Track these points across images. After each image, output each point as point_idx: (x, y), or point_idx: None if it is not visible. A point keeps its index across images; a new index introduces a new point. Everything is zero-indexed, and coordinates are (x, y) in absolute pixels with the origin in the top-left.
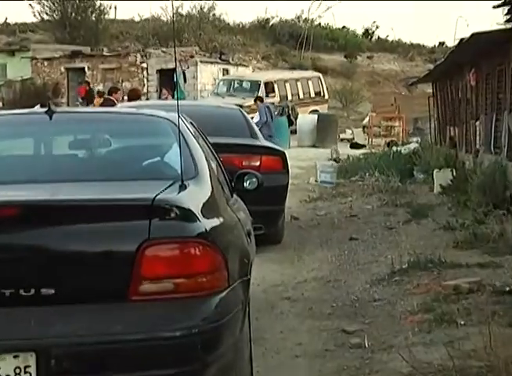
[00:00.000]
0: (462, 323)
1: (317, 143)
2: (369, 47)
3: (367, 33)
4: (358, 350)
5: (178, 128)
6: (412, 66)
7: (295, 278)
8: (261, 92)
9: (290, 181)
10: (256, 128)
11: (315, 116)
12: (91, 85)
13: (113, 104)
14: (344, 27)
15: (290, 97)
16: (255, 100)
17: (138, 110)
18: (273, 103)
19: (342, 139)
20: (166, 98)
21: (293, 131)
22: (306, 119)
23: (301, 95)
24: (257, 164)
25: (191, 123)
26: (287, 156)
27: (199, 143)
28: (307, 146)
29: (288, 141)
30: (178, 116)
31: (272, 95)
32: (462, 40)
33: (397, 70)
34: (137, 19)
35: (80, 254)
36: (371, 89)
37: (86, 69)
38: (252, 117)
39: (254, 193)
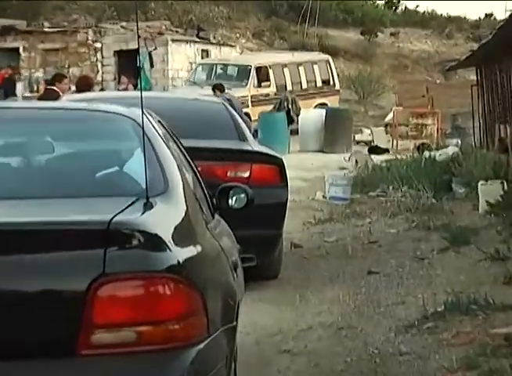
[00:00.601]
0: None
1: (325, 147)
2: (394, 21)
3: (391, 2)
4: None
5: (143, 128)
6: (450, 45)
7: (297, 325)
8: (252, 80)
9: (289, 197)
10: (245, 128)
11: (323, 111)
12: (16, 71)
13: (56, 97)
14: None
15: (289, 87)
16: (213, 89)
17: (89, 104)
18: (268, 95)
19: (358, 142)
20: (126, 88)
21: (295, 132)
22: (311, 116)
23: (304, 85)
24: (247, 174)
25: (159, 122)
26: (286, 164)
27: (169, 148)
28: (312, 151)
29: (287, 145)
30: (143, 112)
31: (266, 84)
32: None
33: (430, 50)
34: None
35: (13, 295)
36: (396, 76)
37: (21, 50)
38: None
39: (243, 212)
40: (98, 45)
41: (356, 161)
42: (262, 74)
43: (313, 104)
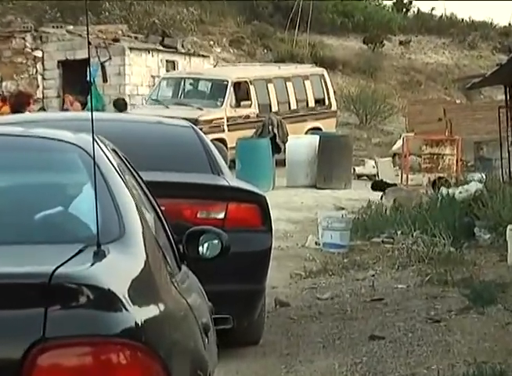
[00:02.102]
0: None
1: (319, 183)
2: (404, 27)
3: (401, 4)
4: None
5: (94, 158)
6: (474, 57)
7: None
8: (229, 99)
9: (274, 243)
10: (220, 158)
11: (316, 138)
12: None
13: None
14: None
15: (275, 107)
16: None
17: (27, 129)
18: (248, 117)
19: (360, 176)
20: (71, 107)
21: (281, 163)
22: (301, 143)
23: (294, 105)
24: (222, 216)
25: (114, 150)
26: (270, 203)
27: (126, 184)
28: (302, 186)
29: (271, 179)
30: (94, 139)
31: (246, 103)
32: None
33: (448, 63)
34: None
35: None
36: (406, 95)
37: None
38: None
39: (217, 263)
40: (38, 53)
41: (395, 200)
42: (241, 92)
43: (304, 129)
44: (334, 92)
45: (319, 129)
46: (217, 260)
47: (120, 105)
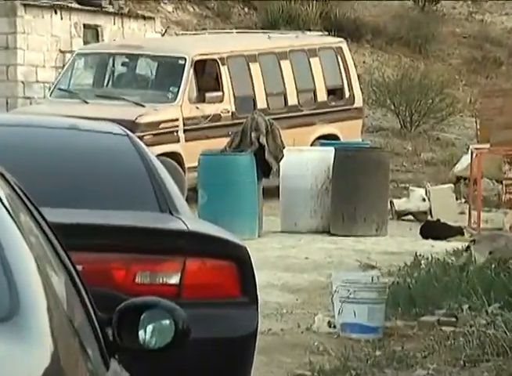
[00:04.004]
0: None
1: (334, 225)
2: None
3: None
4: None
5: None
6: None
7: None
8: (187, 88)
9: (261, 325)
10: (172, 186)
11: (330, 152)
12: None
13: None
14: None
15: (262, 102)
16: None
17: None
18: (219, 118)
19: (401, 214)
20: None
21: (273, 192)
22: (305, 160)
23: (293, 99)
24: (175, 280)
25: (1, 175)
26: (254, 258)
27: (21, 229)
28: (307, 231)
29: (256, 218)
30: None
31: (215, 95)
32: None
33: None
34: None
35: None
36: (477, 81)
37: None
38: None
39: (168, 357)
40: None
41: (490, 253)
42: (207, 77)
43: (311, 137)
44: (359, 77)
45: (335, 138)
46: (168, 352)
47: None
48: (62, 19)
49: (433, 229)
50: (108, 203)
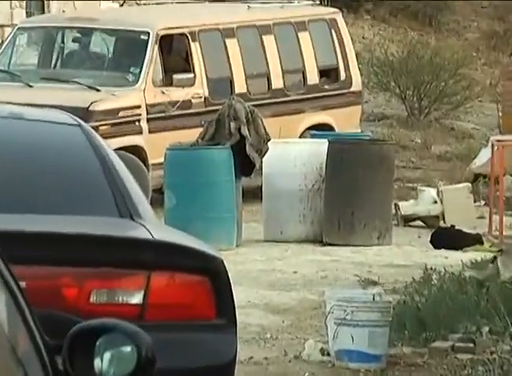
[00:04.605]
0: None
1: (328, 233)
2: None
3: None
4: None
5: None
6: None
7: None
8: (151, 69)
9: (241, 353)
10: (133, 186)
11: (323, 145)
12: None
13: None
14: None
15: (241, 86)
16: None
17: None
18: (189, 105)
19: (408, 219)
20: None
21: (254, 194)
22: (293, 155)
23: (278, 81)
24: (138, 298)
25: None
26: (232, 272)
27: None
28: (295, 240)
29: (234, 225)
30: None
31: (185, 77)
32: None
33: None
34: None
35: None
36: (498, 59)
37: None
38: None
39: None
40: None
41: None
42: (175, 55)
43: (299, 127)
44: (357, 54)
45: (328, 128)
46: None
47: None
48: None
49: (446, 237)
50: (56, 207)
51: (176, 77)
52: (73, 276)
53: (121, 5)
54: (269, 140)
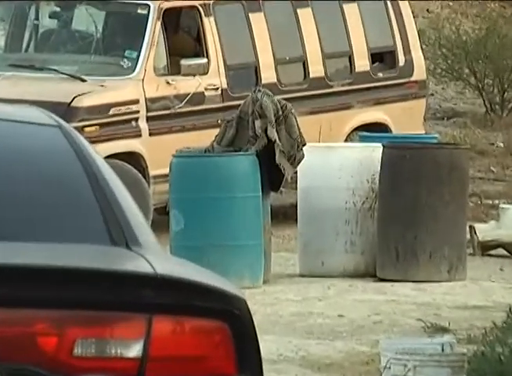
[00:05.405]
0: None
1: (382, 265)
2: None
3: None
4: None
5: None
6: None
7: None
8: (151, 52)
9: None
10: (130, 204)
11: (377, 150)
12: None
13: None
14: None
15: (269, 74)
16: None
17: None
18: (202, 98)
19: (486, 246)
20: None
21: (288, 214)
22: (337, 163)
23: (316, 68)
24: (137, 351)
25: None
26: (257, 317)
27: None
28: (339, 273)
29: (261, 255)
30: None
31: (196, 63)
32: None
33: None
34: None
35: None
36: None
37: None
38: None
39: None
40: None
41: None
42: (184, 34)
43: (345, 127)
44: (420, 33)
45: (383, 128)
46: None
47: None
48: None
49: None
50: (30, 232)
51: (185, 63)
52: (50, 321)
53: None
54: (305, 144)
